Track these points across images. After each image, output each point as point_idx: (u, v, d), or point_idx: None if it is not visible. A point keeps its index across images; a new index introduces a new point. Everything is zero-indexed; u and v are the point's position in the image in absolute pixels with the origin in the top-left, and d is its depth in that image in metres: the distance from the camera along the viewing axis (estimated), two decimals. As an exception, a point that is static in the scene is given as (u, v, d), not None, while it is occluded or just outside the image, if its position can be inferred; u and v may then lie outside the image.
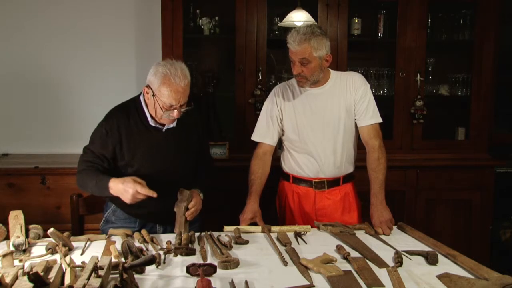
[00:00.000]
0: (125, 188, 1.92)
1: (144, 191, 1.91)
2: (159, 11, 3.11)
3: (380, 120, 2.32)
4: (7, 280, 1.41)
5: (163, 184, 2.08)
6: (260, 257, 1.77)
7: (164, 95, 1.97)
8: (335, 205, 2.36)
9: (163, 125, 2.12)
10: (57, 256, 1.74)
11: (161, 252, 1.75)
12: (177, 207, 2.06)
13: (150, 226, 2.18)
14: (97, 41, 3.50)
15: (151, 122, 2.11)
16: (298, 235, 2.01)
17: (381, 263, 1.70)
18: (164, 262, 1.69)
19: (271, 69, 3.37)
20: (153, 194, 1.92)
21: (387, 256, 1.78)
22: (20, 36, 3.45)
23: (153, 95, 2.00)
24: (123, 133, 2.09)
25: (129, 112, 2.12)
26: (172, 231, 2.15)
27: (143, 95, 2.11)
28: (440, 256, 1.75)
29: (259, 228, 2.11)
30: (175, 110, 2.01)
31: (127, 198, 1.94)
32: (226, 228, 2.08)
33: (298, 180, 2.39)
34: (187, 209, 2.05)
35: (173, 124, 2.13)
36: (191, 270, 1.58)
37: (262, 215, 2.25)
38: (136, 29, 3.53)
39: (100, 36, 3.50)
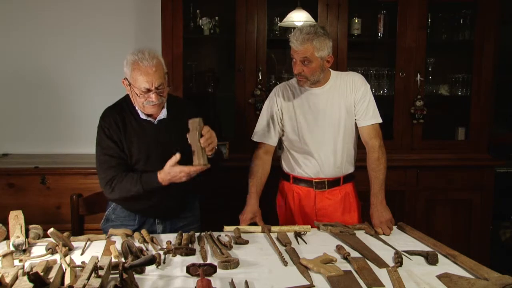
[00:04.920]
0: (175, 177, 1.98)
1: (188, 168, 1.96)
2: (159, 11, 3.11)
3: (380, 120, 2.32)
4: (7, 280, 1.41)
5: None
6: (260, 257, 1.77)
7: (137, 81, 1.99)
8: (336, 205, 2.36)
9: (155, 117, 2.12)
10: (57, 256, 1.73)
11: (161, 252, 1.75)
12: (190, 136, 1.94)
13: (150, 223, 2.18)
14: (97, 41, 3.50)
15: (142, 116, 2.11)
16: (298, 235, 2.00)
17: (381, 263, 1.70)
18: (164, 262, 1.69)
19: (271, 69, 3.37)
20: (205, 166, 1.98)
21: (387, 256, 1.77)
22: (20, 36, 3.45)
23: (129, 85, 2.03)
24: (121, 128, 2.10)
25: (121, 109, 2.13)
26: (171, 230, 2.15)
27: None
28: (440, 256, 1.75)
29: (259, 228, 2.10)
30: (153, 94, 2.01)
31: (181, 180, 2.00)
32: (226, 228, 2.07)
33: (298, 180, 2.39)
34: (201, 136, 1.95)
35: (163, 115, 2.12)
36: (191, 270, 1.58)
37: (262, 215, 2.25)
38: (136, 29, 3.53)
39: (100, 36, 3.50)
